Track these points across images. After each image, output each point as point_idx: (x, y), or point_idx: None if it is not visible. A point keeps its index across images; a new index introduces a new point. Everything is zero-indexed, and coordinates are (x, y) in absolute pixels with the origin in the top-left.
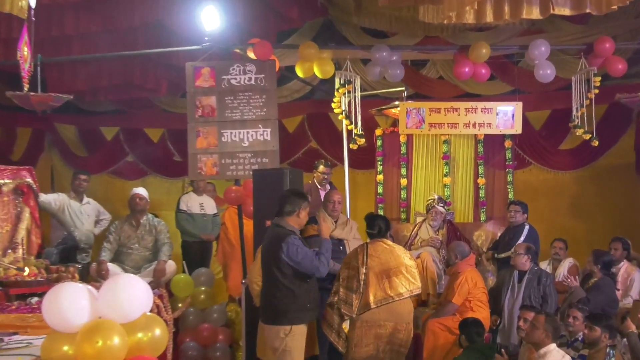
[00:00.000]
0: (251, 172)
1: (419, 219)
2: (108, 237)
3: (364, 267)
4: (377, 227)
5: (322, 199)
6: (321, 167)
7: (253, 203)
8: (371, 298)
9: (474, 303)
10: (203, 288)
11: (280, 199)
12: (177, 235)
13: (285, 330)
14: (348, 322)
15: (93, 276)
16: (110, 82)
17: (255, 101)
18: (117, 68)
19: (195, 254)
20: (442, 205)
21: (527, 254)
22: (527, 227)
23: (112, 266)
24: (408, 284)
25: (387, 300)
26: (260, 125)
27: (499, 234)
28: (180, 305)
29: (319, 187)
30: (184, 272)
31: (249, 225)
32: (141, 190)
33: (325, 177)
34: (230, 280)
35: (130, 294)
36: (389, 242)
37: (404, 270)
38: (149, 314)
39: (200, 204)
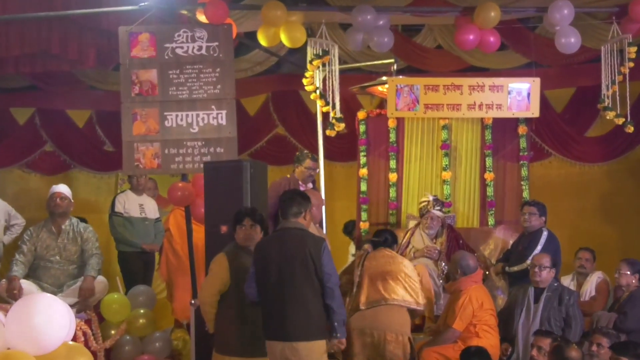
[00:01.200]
0: (202, 165)
1: (412, 224)
2: (21, 247)
3: (360, 268)
4: (384, 237)
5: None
6: (307, 162)
7: (204, 204)
8: (362, 298)
9: (480, 328)
10: (142, 310)
11: (284, 200)
12: (110, 244)
13: (323, 346)
14: None
15: (2, 296)
16: (22, 51)
17: (207, 76)
18: (31, 33)
19: (133, 268)
20: (439, 208)
21: (546, 268)
22: (545, 233)
23: (26, 284)
24: (405, 293)
25: (378, 302)
26: (213, 107)
27: (510, 242)
28: (113, 332)
29: (301, 184)
30: (118, 290)
31: (199, 231)
32: (63, 188)
33: (312, 173)
34: (176, 300)
35: (47, 318)
36: (393, 252)
37: (402, 277)
38: (71, 343)
39: (140, 206)
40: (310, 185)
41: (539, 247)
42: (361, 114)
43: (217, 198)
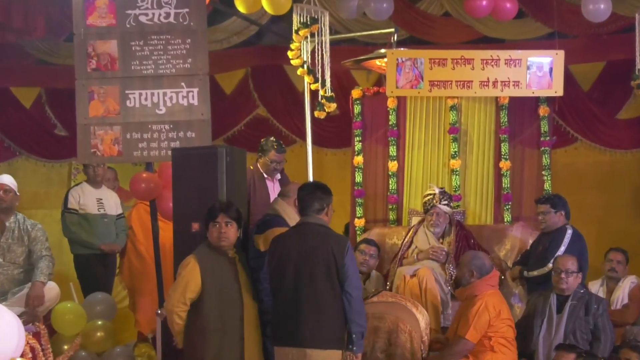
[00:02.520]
0: (170, 153)
1: (415, 221)
2: None
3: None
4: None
5: (277, 192)
6: (272, 153)
7: (173, 197)
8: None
9: (496, 341)
10: (100, 322)
11: (303, 197)
12: (64, 245)
13: (339, 358)
14: None
15: None
16: None
17: (176, 48)
18: None
19: (90, 272)
20: (446, 202)
21: (573, 273)
22: (569, 231)
23: None
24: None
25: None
26: (183, 84)
27: (530, 242)
28: (66, 347)
29: (266, 176)
30: (72, 299)
31: (166, 229)
32: (6, 179)
33: (276, 167)
34: (139, 310)
35: None
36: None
37: (420, 309)
38: None
39: (98, 201)
40: (278, 177)
41: (562, 248)
42: (356, 93)
43: (188, 191)
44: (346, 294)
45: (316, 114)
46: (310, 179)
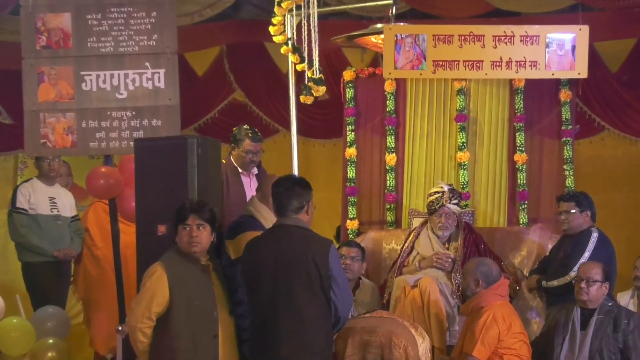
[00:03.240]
0: (132, 144)
1: (417, 223)
2: None
3: None
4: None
5: (254, 189)
6: (246, 143)
7: (135, 196)
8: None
9: (508, 359)
10: (51, 340)
11: (279, 193)
12: (10, 251)
13: None
14: None
15: None
16: None
17: (139, 22)
18: None
19: (41, 283)
20: (456, 201)
21: (596, 282)
22: (595, 234)
23: None
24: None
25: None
26: (147, 64)
27: (549, 247)
28: None
29: (241, 171)
30: (19, 314)
31: (128, 232)
32: None
33: (252, 158)
34: (95, 326)
35: None
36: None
37: (420, 331)
38: None
39: (51, 200)
40: (255, 171)
41: (586, 254)
42: (348, 75)
43: (153, 188)
44: (334, 304)
45: (302, 99)
46: (296, 173)
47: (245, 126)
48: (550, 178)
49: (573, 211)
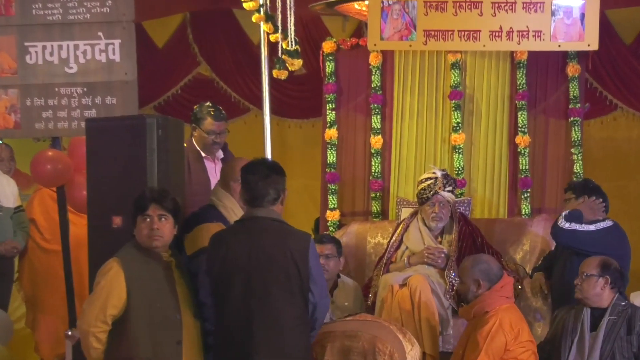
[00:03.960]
0: (83, 125)
1: (406, 213)
2: None
3: None
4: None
5: (219, 176)
6: (208, 122)
7: (87, 183)
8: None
9: None
10: None
11: (256, 181)
12: None
13: None
14: None
15: None
16: None
17: None
18: None
19: None
20: (450, 189)
21: (592, 276)
22: (608, 224)
23: None
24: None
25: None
26: (100, 34)
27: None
28: None
29: (204, 155)
30: None
31: (79, 224)
32: None
33: (216, 139)
34: (41, 329)
35: None
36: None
37: (408, 337)
38: None
39: None
40: (220, 155)
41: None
42: (328, 46)
43: (107, 174)
44: (312, 304)
45: (275, 73)
46: (269, 157)
47: (207, 103)
48: (556, 163)
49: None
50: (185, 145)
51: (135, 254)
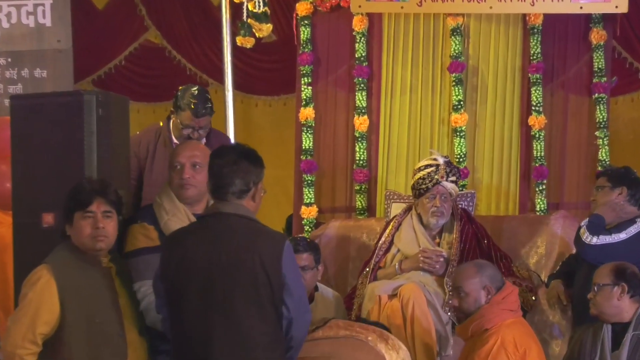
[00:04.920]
0: (7, 102)
1: (397, 210)
2: None
3: None
4: None
5: None
6: (186, 115)
7: (12, 173)
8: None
9: None
10: None
11: (220, 166)
12: None
13: None
14: None
15: None
16: None
17: None
18: None
19: None
20: (454, 178)
21: (617, 284)
22: (636, 224)
23: None
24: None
25: (344, 337)
26: None
27: None
28: None
29: (175, 142)
30: None
31: (4, 223)
32: None
33: (190, 134)
34: None
35: None
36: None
37: (391, 343)
38: None
39: None
40: (202, 141)
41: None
42: (303, 8)
43: (36, 163)
44: (287, 320)
45: (239, 41)
46: (232, 141)
47: (193, 90)
48: (577, 149)
49: (616, 190)
50: (161, 124)
51: (69, 259)
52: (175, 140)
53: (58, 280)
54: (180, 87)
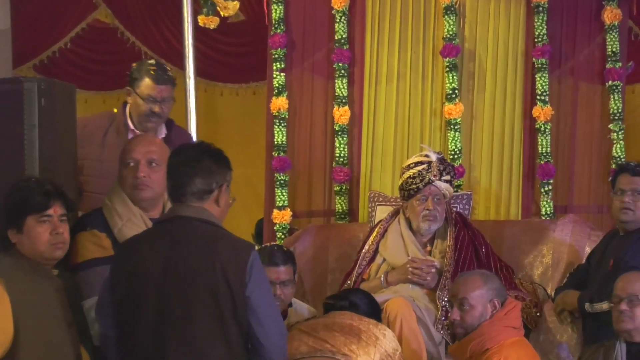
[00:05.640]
0: None
1: (383, 214)
2: None
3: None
4: (349, 300)
5: None
6: (145, 83)
7: None
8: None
9: None
10: None
11: (177, 164)
12: None
13: None
14: None
15: None
16: None
17: None
18: None
19: None
20: (448, 177)
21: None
22: None
23: None
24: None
25: (322, 352)
26: None
27: (587, 251)
28: None
29: (132, 128)
30: None
31: None
32: None
33: (154, 109)
34: None
35: None
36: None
37: (365, 337)
38: None
39: None
40: (162, 132)
41: None
42: None
43: None
44: (257, 343)
45: (202, 20)
46: (193, 136)
47: (149, 60)
48: (588, 143)
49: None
50: (114, 111)
51: (17, 271)
52: (132, 127)
53: (12, 294)
54: (133, 64)
